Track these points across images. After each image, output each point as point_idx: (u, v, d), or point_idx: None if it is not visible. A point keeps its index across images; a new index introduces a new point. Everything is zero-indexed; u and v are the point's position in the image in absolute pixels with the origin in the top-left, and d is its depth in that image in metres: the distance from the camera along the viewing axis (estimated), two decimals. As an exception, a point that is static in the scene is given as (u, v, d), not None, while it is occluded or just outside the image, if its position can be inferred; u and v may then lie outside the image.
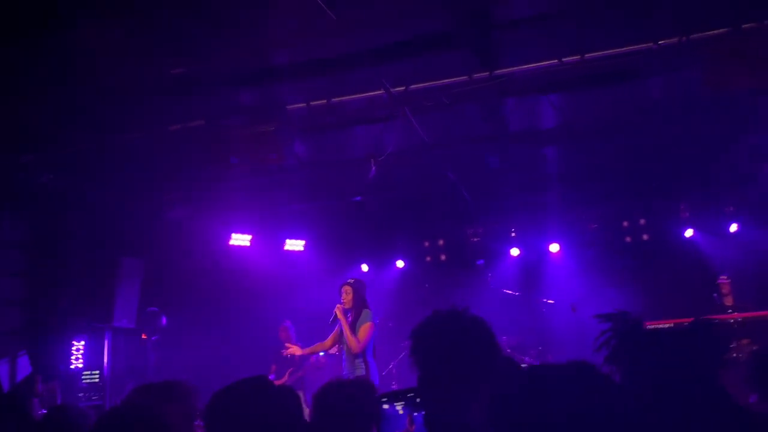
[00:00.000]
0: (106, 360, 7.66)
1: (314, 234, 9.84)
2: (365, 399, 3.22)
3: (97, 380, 7.59)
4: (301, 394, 8.00)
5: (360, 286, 6.29)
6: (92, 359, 7.68)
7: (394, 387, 8.07)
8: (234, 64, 5.35)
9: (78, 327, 7.74)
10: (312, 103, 5.89)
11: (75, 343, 7.70)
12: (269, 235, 9.60)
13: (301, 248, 9.84)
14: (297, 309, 8.97)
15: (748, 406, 2.11)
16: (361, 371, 5.90)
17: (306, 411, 4.15)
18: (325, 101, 5.82)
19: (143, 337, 7.98)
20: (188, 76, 5.25)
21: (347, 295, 6.23)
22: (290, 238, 9.79)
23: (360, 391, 3.25)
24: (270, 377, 7.99)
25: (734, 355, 6.44)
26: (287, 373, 8.03)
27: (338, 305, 6.18)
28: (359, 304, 6.15)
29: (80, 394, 7.45)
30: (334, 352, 8.33)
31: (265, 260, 9.45)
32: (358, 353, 5.97)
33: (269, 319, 8.63)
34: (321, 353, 8.49)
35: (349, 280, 6.37)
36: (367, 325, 5.98)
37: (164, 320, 8.07)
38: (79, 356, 7.68)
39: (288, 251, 9.80)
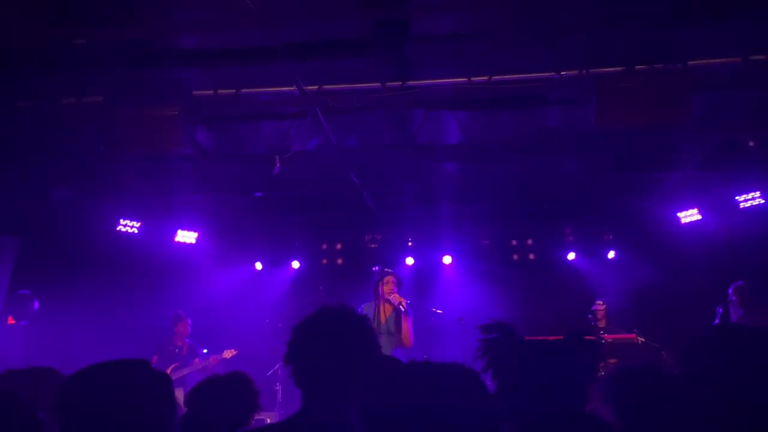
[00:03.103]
0: (-36, 344, 7.02)
1: (208, 227, 9.56)
2: (241, 393, 3.17)
3: (-49, 365, 6.93)
4: (180, 390, 7.71)
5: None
6: (-52, 342, 7.02)
7: (278, 389, 7.96)
8: (141, 41, 5.10)
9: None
10: (220, 91, 5.71)
11: (-71, 323, 7.01)
12: (160, 224, 9.21)
13: (193, 241, 9.52)
14: (185, 302, 8.68)
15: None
16: None
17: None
18: (234, 91, 5.66)
19: (10, 321, 7.38)
20: (90, 48, 4.95)
21: (391, 285, 5.82)
22: (183, 229, 9.45)
23: (236, 384, 3.20)
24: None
25: (602, 373, 6.89)
26: (171, 368, 7.73)
27: (395, 295, 5.73)
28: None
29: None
30: (229, 357, 8.05)
31: (154, 250, 9.06)
32: (411, 346, 5.63)
33: (155, 311, 8.28)
34: (204, 350, 8.25)
35: (389, 270, 5.96)
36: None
37: (36, 305, 7.51)
38: (-66, 338, 7.00)
39: (179, 242, 9.45)
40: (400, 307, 5.72)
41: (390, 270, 6.05)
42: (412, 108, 6.12)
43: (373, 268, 6.34)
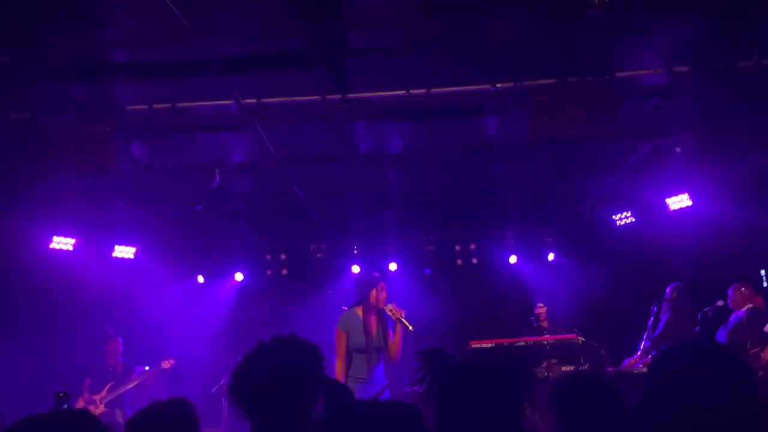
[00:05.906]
0: None
1: (148, 241, 9.32)
2: (181, 420, 3.10)
3: None
4: (119, 411, 7.48)
5: None
6: None
7: (224, 405, 7.81)
8: (70, 56, 4.93)
9: None
10: (155, 106, 5.58)
11: None
12: (96, 239, 8.92)
13: (132, 256, 9.27)
14: (125, 320, 8.43)
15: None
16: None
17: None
18: (169, 105, 5.55)
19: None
20: (15, 63, 4.76)
21: (384, 293, 5.21)
22: (120, 244, 9.18)
23: (175, 410, 3.13)
24: (84, 390, 7.44)
25: (545, 374, 7.08)
26: (106, 388, 7.48)
27: (392, 306, 5.13)
28: None
29: None
30: (167, 367, 7.87)
31: (91, 267, 8.76)
32: (397, 361, 5.14)
33: (94, 331, 8.00)
34: (146, 368, 8.03)
35: (379, 275, 5.36)
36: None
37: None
38: None
39: (117, 258, 9.18)
40: (401, 321, 5.09)
41: (378, 274, 5.41)
42: (353, 119, 6.14)
43: (372, 274, 5.53)
